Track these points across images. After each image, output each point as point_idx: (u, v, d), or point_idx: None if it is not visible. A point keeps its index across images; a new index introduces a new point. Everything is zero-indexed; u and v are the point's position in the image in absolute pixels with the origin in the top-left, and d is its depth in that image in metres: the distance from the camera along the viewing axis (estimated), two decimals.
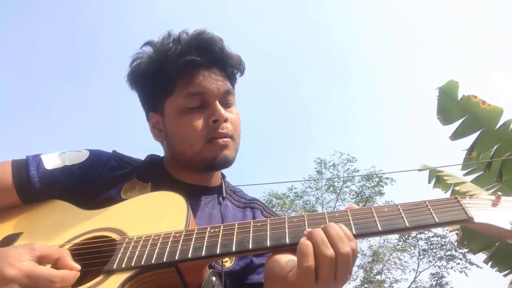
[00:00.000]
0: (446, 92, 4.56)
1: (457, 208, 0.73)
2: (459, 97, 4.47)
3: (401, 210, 0.76)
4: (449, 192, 4.82)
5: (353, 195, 18.66)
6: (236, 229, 0.80)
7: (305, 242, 0.70)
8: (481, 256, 4.93)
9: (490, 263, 4.88)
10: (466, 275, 16.61)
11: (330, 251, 0.68)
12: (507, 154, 4.46)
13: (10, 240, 0.92)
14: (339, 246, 0.69)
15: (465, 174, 5.11)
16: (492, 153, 4.57)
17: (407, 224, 0.73)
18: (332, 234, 0.70)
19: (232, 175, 1.21)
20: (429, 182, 5.09)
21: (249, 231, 0.79)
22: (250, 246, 0.76)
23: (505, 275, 4.98)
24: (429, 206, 0.75)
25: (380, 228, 0.73)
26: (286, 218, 0.80)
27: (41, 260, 0.75)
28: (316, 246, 0.69)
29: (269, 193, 17.82)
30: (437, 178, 4.95)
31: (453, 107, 4.54)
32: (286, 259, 0.77)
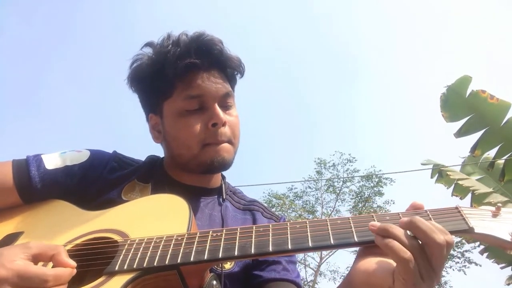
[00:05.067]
0: (454, 89, 4.54)
1: (457, 217, 0.73)
2: (468, 93, 4.44)
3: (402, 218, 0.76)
4: (451, 187, 4.82)
5: (353, 195, 18.67)
6: (238, 233, 0.81)
7: (389, 241, 0.69)
8: (481, 256, 4.95)
9: (486, 254, 4.88)
10: (465, 273, 16.71)
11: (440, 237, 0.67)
12: (509, 154, 4.45)
13: (10, 239, 0.92)
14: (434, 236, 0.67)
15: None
16: (496, 152, 4.56)
17: (408, 233, 0.73)
18: (422, 227, 0.68)
19: (232, 176, 1.22)
20: (432, 177, 5.08)
21: (252, 235, 0.80)
22: (252, 251, 0.77)
23: (502, 268, 4.99)
24: (430, 215, 0.75)
25: None
26: (288, 224, 0.81)
27: (35, 258, 0.74)
28: (403, 240, 0.68)
29: (269, 193, 17.85)
30: (440, 173, 4.92)
31: (460, 104, 4.51)
32: (374, 265, 0.75)
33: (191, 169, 1.07)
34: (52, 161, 1.04)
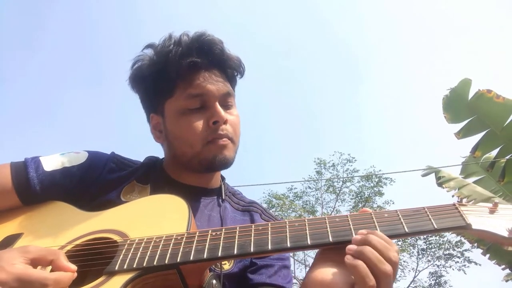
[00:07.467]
0: (456, 92, 4.56)
1: (455, 214, 0.74)
2: (471, 95, 4.45)
3: (400, 216, 0.77)
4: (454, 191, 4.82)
5: (353, 196, 18.66)
6: (237, 232, 0.81)
7: (359, 263, 0.69)
8: (480, 256, 4.96)
9: (487, 255, 4.89)
10: (465, 273, 16.75)
11: (388, 267, 0.69)
12: (510, 155, 4.46)
13: (10, 241, 0.93)
14: (390, 256, 0.70)
15: (466, 176, 5.12)
16: (497, 153, 4.57)
17: (406, 230, 0.74)
18: (380, 248, 0.70)
19: (232, 176, 1.22)
20: (436, 182, 5.10)
21: (251, 234, 0.80)
22: (252, 250, 0.77)
23: (503, 269, 5.00)
24: (428, 213, 0.76)
25: None
26: (287, 222, 0.81)
27: (34, 262, 0.74)
28: (374, 265, 0.69)
29: (269, 193, 17.80)
30: (440, 183, 4.95)
31: (462, 106, 4.53)
32: (331, 276, 0.75)
33: (193, 168, 1.07)
34: (50, 163, 1.04)
